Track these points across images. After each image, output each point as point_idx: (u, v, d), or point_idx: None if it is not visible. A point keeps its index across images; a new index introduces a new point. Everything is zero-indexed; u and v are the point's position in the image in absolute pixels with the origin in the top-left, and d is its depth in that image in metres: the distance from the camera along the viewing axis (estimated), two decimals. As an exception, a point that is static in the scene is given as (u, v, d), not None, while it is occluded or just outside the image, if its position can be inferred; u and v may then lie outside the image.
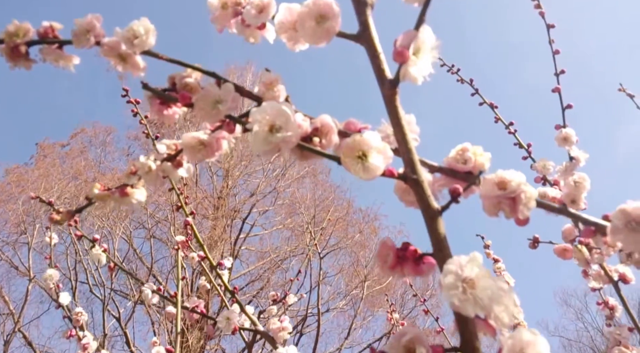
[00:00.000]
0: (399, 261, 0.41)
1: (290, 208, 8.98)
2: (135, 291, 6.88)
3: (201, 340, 6.96)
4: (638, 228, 0.37)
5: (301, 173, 9.19)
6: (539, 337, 0.34)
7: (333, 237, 8.53)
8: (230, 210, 8.35)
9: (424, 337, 0.36)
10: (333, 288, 8.95)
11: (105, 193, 0.44)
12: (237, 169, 8.63)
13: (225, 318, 0.86)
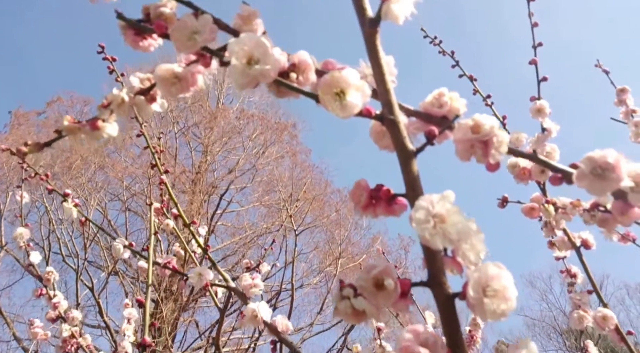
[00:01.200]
0: (372, 201, 0.41)
1: (268, 185, 8.97)
2: (109, 262, 6.82)
3: (175, 312, 6.98)
4: (603, 174, 0.38)
5: (281, 152, 9.16)
6: (504, 271, 0.35)
7: (309, 215, 8.58)
8: (208, 186, 8.29)
9: (393, 270, 0.37)
10: (307, 265, 9.05)
11: (75, 126, 0.43)
12: (217, 146, 8.55)
13: (197, 274, 0.86)
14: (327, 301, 8.45)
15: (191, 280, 0.87)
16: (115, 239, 0.90)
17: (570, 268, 0.97)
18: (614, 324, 0.83)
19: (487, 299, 0.35)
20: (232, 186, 8.65)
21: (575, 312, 0.90)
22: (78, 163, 7.07)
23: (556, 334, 11.19)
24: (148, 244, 0.91)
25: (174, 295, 6.96)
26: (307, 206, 8.04)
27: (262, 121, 8.80)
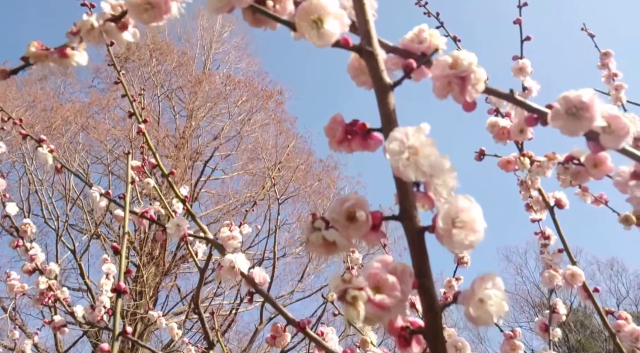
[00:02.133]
0: (347, 136, 0.41)
1: (253, 153, 8.93)
2: (91, 225, 6.78)
3: (157, 276, 7.01)
4: (577, 114, 0.38)
5: (267, 120, 9.08)
6: (474, 204, 0.36)
7: (293, 185, 8.60)
8: (192, 152, 8.21)
9: (365, 203, 0.37)
10: (290, 235, 9.13)
11: (43, 53, 0.41)
12: (202, 111, 8.42)
13: (175, 224, 0.85)
14: (308, 271, 8.58)
15: (169, 231, 0.86)
16: (92, 188, 0.89)
17: (545, 230, 0.99)
18: (581, 281, 0.86)
19: (455, 230, 0.35)
20: (217, 153, 8.59)
21: (546, 271, 0.93)
22: (59, 122, 6.91)
23: (529, 307, 11.57)
24: (125, 192, 0.90)
25: (156, 260, 6.98)
26: (290, 174, 8.04)
27: (248, 88, 8.67)
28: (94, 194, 0.88)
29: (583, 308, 11.38)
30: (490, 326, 0.37)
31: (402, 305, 0.34)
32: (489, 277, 0.36)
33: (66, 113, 7.01)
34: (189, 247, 1.83)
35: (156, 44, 8.16)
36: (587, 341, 10.90)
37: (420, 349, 0.38)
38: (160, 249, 7.01)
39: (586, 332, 11.21)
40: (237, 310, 7.50)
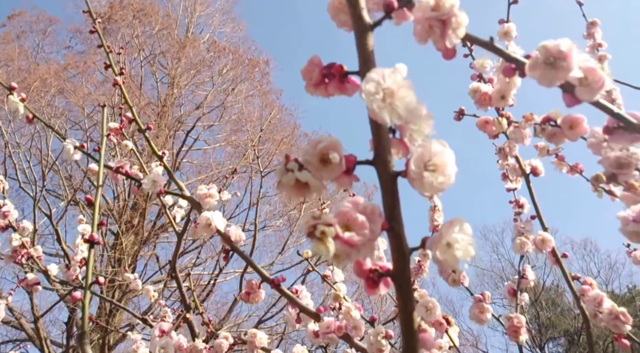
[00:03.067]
0: (324, 78, 0.40)
1: (236, 124, 8.83)
2: (69, 192, 6.67)
3: (135, 245, 6.98)
4: (555, 63, 0.38)
5: (251, 91, 8.95)
6: (447, 149, 0.36)
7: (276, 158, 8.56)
8: (174, 121, 8.08)
9: (339, 146, 0.37)
10: (271, 208, 9.14)
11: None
12: (185, 78, 8.25)
13: (152, 180, 0.84)
14: (288, 244, 8.64)
15: (145, 186, 0.85)
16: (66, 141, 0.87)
17: (519, 199, 1.01)
18: (551, 246, 0.88)
19: (426, 173, 0.35)
20: (200, 124, 8.47)
21: (518, 238, 0.95)
22: (37, 84, 6.69)
23: (502, 284, 11.92)
24: (100, 145, 0.88)
25: (135, 229, 6.94)
26: (274, 147, 8.00)
27: (233, 55, 8.49)
28: (68, 147, 0.86)
29: (555, 287, 11.78)
30: (456, 269, 0.37)
31: (370, 244, 0.34)
32: (457, 222, 0.37)
33: (43, 75, 6.78)
34: (167, 211, 1.83)
35: (140, 4, 7.89)
36: (557, 318, 11.31)
37: (388, 289, 0.39)
38: (139, 218, 6.96)
39: (557, 309, 11.62)
40: (216, 280, 7.54)
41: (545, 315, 11.30)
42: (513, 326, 0.85)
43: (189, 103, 8.56)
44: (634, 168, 0.53)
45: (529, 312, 11.08)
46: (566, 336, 11.01)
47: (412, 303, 0.37)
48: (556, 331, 11.27)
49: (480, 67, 0.85)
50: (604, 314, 0.79)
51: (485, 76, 0.87)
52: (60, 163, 7.12)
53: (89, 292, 0.69)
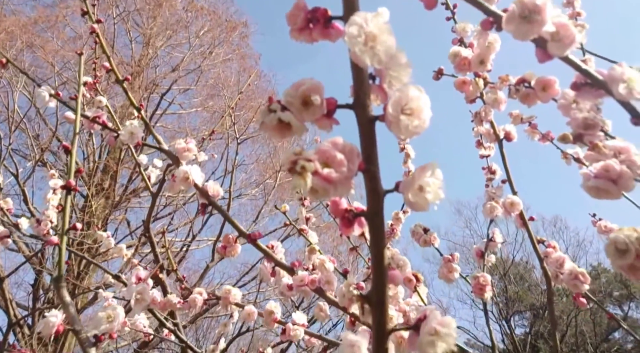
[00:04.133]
0: (309, 24, 0.41)
1: (213, 89, 8.66)
2: (36, 151, 6.47)
3: (106, 209, 6.88)
4: (530, 17, 0.39)
5: (229, 55, 8.75)
6: (424, 94, 0.37)
7: (253, 125, 8.48)
8: (149, 82, 7.86)
9: (321, 88, 0.38)
10: (247, 176, 9.11)
11: None
12: (160, 39, 7.99)
13: (129, 132, 0.84)
14: (263, 213, 8.65)
15: (122, 138, 0.84)
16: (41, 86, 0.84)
17: (492, 166, 1.05)
18: (519, 209, 0.92)
19: (403, 116, 0.37)
20: (175, 87, 8.28)
21: (488, 203, 0.98)
22: (3, 36, 6.37)
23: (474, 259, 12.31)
24: (76, 93, 0.87)
25: (105, 192, 6.82)
26: (251, 114, 7.91)
27: (211, 16, 8.23)
28: (43, 94, 0.84)
29: (524, 263, 12.26)
30: (426, 211, 0.39)
31: (347, 182, 0.36)
32: (429, 166, 0.39)
33: (10, 27, 6.45)
34: (142, 171, 1.81)
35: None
36: (525, 293, 11.81)
37: (361, 231, 0.41)
38: (110, 181, 6.84)
39: (525, 284, 12.11)
40: (189, 247, 7.53)
41: (513, 289, 11.78)
42: (479, 284, 0.89)
43: (165, 65, 8.33)
44: (599, 129, 0.56)
45: (497, 286, 11.56)
46: (532, 310, 11.54)
47: (384, 241, 0.39)
48: (522, 305, 11.77)
49: (461, 31, 0.86)
50: (564, 275, 0.84)
51: (467, 41, 0.88)
52: (28, 121, 6.89)
53: (65, 239, 0.70)
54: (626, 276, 0.56)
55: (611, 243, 0.45)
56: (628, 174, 0.49)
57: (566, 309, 10.56)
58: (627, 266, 0.45)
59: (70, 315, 0.59)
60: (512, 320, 11.60)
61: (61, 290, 0.62)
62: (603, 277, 11.23)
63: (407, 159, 1.39)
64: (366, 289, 1.25)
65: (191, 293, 1.12)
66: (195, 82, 8.48)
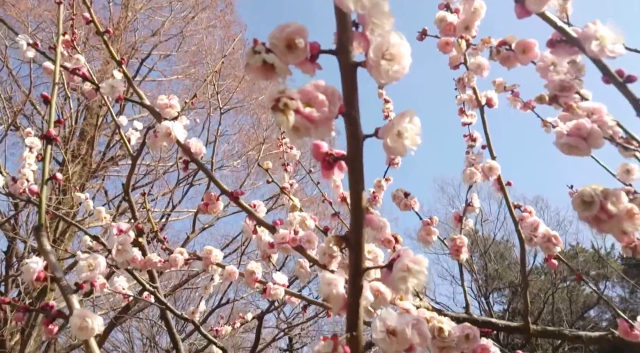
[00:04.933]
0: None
1: (196, 56, 8.47)
2: (9, 115, 6.29)
3: (82, 177, 6.77)
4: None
5: (213, 21, 8.53)
6: (404, 41, 0.38)
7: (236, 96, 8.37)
8: (128, 47, 7.64)
9: (305, 32, 0.38)
10: (229, 147, 9.04)
11: None
12: (140, 1, 7.73)
13: (110, 85, 0.82)
14: (245, 185, 8.62)
15: (103, 92, 0.83)
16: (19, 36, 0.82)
17: (473, 133, 1.07)
18: (497, 174, 0.95)
19: (384, 61, 0.38)
20: (155, 52, 8.07)
21: (467, 169, 1.01)
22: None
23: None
24: (55, 43, 0.84)
25: (82, 158, 6.70)
26: (235, 84, 7.79)
27: (194, -22, 7.98)
28: (21, 43, 0.82)
29: (505, 241, 12.58)
30: (404, 156, 0.41)
31: (328, 123, 0.37)
32: (408, 113, 0.40)
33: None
34: (121, 133, 1.79)
35: None
36: (504, 271, 12.15)
37: (341, 175, 0.42)
38: (87, 147, 6.71)
39: (504, 262, 12.45)
40: (169, 216, 7.49)
41: (492, 267, 12.11)
42: (455, 245, 0.92)
43: (145, 29, 8.08)
44: (574, 91, 0.58)
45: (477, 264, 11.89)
46: (510, 287, 11.90)
47: (362, 184, 0.40)
48: (502, 282, 12.12)
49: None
50: (538, 237, 0.88)
51: (452, 6, 0.89)
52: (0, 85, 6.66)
53: (45, 189, 0.69)
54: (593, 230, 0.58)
55: (578, 196, 0.48)
56: (598, 132, 0.51)
57: (543, 287, 10.95)
58: (591, 217, 0.47)
59: (51, 263, 0.60)
60: (491, 297, 11.96)
61: (41, 239, 0.63)
62: (581, 256, 11.61)
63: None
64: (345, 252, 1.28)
65: (172, 252, 1.13)
66: (176, 48, 8.29)
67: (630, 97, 0.46)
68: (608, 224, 0.47)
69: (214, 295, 8.12)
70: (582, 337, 0.90)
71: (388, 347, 0.42)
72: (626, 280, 10.68)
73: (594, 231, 0.75)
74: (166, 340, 7.59)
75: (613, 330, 0.84)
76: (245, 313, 2.13)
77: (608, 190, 0.47)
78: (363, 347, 0.43)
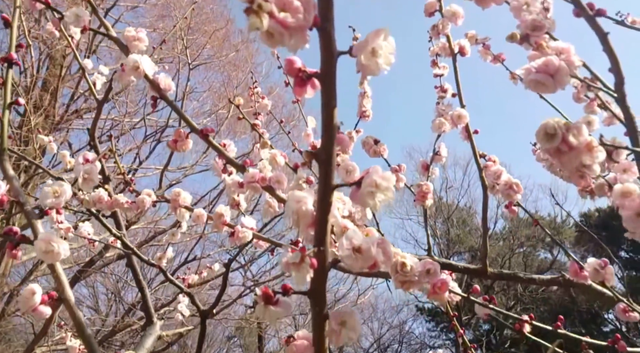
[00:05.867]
0: None
1: (164, 9, 8.12)
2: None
3: (45, 129, 6.52)
4: None
5: (183, -27, 8.13)
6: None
7: (207, 51, 8.13)
8: (93, -6, 7.22)
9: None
10: (199, 105, 8.85)
11: None
12: (106, -54, 7.28)
13: (75, 14, 0.78)
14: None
15: (68, 20, 0.79)
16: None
17: (444, 85, 1.08)
18: (465, 122, 0.97)
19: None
20: (122, 3, 7.69)
21: (437, 119, 1.02)
22: None
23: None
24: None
25: (45, 110, 6.43)
26: (205, 39, 7.54)
27: None
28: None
29: (467, 208, 12.99)
30: (377, 75, 0.41)
31: (302, 33, 0.36)
32: (382, 31, 0.40)
33: None
34: (87, 76, 1.71)
35: None
36: (465, 236, 12.63)
37: (313, 93, 0.42)
38: (50, 98, 6.44)
39: (466, 228, 12.90)
40: (135, 172, 7.35)
41: (454, 232, 12.56)
42: (422, 192, 0.95)
43: (111, -23, 7.65)
44: (545, 31, 0.59)
45: (440, 229, 12.30)
46: (470, 252, 12.43)
47: (335, 102, 0.40)
48: (462, 247, 12.62)
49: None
50: (500, 185, 0.91)
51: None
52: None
53: (7, 113, 0.67)
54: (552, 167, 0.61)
55: (542, 128, 0.49)
56: (565, 69, 0.53)
57: (501, 252, 11.49)
58: (553, 149, 0.49)
59: (14, 188, 0.58)
60: (452, 260, 12.45)
61: (4, 163, 0.60)
62: (538, 224, 12.16)
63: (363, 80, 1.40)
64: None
65: (139, 194, 1.12)
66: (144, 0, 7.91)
67: (599, 30, 0.47)
68: (568, 156, 0.49)
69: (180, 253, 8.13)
70: (535, 279, 0.95)
71: (353, 263, 0.44)
72: (578, 247, 11.34)
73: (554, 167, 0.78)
74: (132, 295, 7.59)
75: (564, 273, 0.90)
76: (212, 264, 2.15)
77: (570, 123, 0.49)
78: (329, 264, 0.44)
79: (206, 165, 8.78)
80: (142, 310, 5.07)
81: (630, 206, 0.56)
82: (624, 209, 0.56)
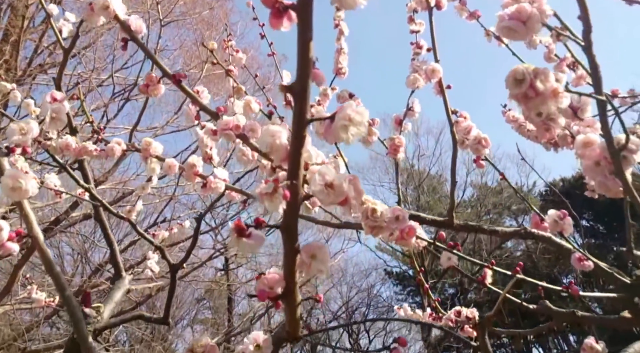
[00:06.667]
0: None
1: (135, -41, 7.70)
2: None
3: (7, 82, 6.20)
4: None
5: None
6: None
7: (179, 8, 7.82)
8: (55, -60, 6.78)
9: None
10: (170, 63, 8.59)
11: None
12: None
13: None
14: (186, 104, 8.29)
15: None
16: None
17: (419, 41, 1.08)
18: (439, 76, 0.98)
19: None
20: (88, -50, 7.24)
21: (411, 75, 1.03)
22: None
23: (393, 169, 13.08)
24: None
25: (5, 62, 6.12)
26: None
27: None
28: None
29: (438, 176, 13.25)
30: (354, 9, 0.41)
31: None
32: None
33: None
34: (52, 22, 1.64)
35: None
36: (435, 203, 12.95)
37: (290, 26, 0.42)
38: (11, 50, 6.12)
39: (436, 196, 13.21)
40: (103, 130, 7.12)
41: (425, 199, 12.85)
42: (394, 145, 0.96)
43: None
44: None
45: (411, 195, 12.55)
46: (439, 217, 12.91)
47: (310, 34, 0.40)
48: (432, 213, 12.99)
49: None
50: (470, 140, 0.93)
51: None
52: None
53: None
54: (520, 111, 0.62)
55: (511, 74, 0.51)
56: (537, 16, 0.54)
57: (469, 218, 11.88)
58: (521, 94, 0.51)
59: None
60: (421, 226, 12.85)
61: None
62: (505, 192, 12.54)
63: (340, 36, 1.38)
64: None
65: (108, 143, 1.10)
66: (112, -53, 7.47)
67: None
68: (534, 101, 0.51)
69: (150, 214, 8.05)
70: (498, 231, 1.00)
71: (325, 197, 0.45)
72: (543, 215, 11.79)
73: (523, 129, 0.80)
74: (99, 256, 7.51)
75: (525, 226, 0.94)
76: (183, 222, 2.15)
77: (538, 69, 0.50)
78: (301, 198, 0.45)
79: (177, 126, 8.60)
80: (111, 263, 5.04)
81: (590, 155, 0.58)
82: (584, 158, 0.59)
